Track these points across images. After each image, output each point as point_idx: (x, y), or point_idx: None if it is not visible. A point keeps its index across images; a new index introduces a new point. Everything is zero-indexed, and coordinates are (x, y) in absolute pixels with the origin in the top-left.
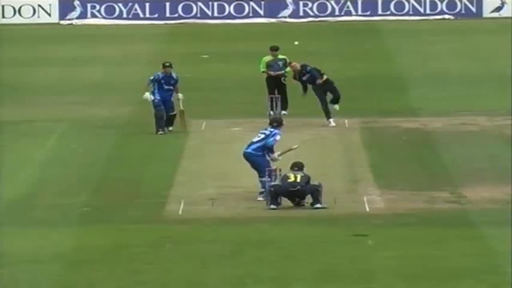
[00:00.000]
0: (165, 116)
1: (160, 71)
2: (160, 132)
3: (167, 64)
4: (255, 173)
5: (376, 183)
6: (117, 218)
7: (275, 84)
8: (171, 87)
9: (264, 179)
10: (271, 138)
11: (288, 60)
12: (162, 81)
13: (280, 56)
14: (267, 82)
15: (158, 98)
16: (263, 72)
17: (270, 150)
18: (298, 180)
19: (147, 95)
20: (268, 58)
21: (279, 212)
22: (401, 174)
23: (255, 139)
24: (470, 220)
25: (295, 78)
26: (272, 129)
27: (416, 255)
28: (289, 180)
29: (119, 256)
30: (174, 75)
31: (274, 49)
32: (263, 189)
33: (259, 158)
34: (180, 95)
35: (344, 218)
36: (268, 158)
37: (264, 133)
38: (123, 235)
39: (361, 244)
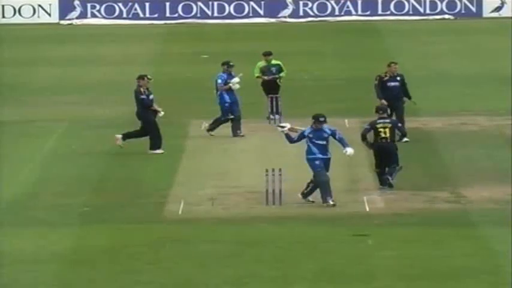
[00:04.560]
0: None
1: (222, 71)
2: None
3: (231, 64)
4: (255, 172)
5: (376, 183)
6: (117, 218)
7: (270, 87)
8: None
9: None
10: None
11: (282, 66)
12: (228, 81)
13: (273, 62)
14: (263, 86)
15: (228, 101)
16: (257, 77)
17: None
18: (388, 135)
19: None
20: (262, 64)
21: (279, 212)
22: (401, 174)
23: (321, 142)
24: (470, 220)
25: (379, 81)
26: (330, 128)
27: (416, 255)
28: (382, 136)
29: (119, 256)
30: (233, 73)
31: (267, 54)
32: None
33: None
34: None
35: (344, 218)
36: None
37: (327, 133)
38: (123, 235)
39: (361, 244)
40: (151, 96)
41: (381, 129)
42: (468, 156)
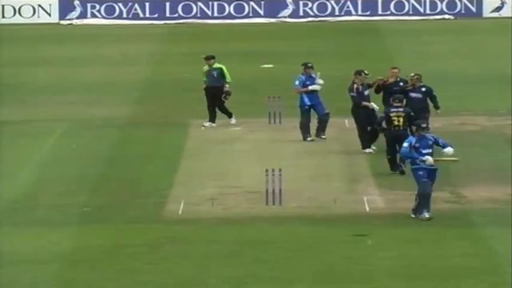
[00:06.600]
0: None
1: (301, 73)
2: (309, 138)
3: (309, 65)
4: (255, 172)
5: (376, 183)
6: (117, 218)
7: (211, 95)
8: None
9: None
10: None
11: (224, 70)
12: (308, 83)
13: (215, 66)
14: (205, 92)
15: (308, 103)
16: (205, 81)
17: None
18: (401, 123)
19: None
20: (205, 68)
21: (279, 212)
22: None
23: (427, 150)
24: (470, 220)
25: (380, 85)
26: (431, 136)
27: (416, 255)
28: (395, 124)
29: (119, 256)
30: (313, 75)
31: (208, 58)
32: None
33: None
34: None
35: (344, 218)
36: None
37: (431, 140)
38: (123, 235)
39: (361, 244)
40: (366, 92)
41: (395, 118)
42: (468, 156)
